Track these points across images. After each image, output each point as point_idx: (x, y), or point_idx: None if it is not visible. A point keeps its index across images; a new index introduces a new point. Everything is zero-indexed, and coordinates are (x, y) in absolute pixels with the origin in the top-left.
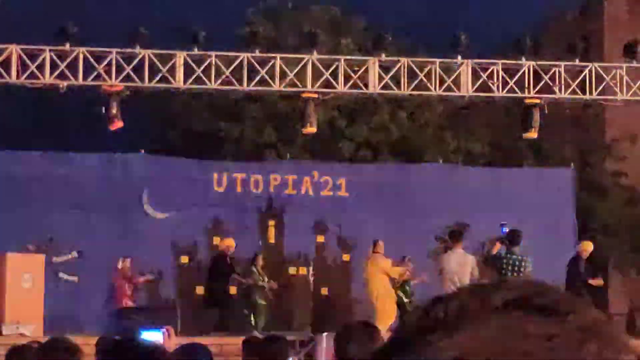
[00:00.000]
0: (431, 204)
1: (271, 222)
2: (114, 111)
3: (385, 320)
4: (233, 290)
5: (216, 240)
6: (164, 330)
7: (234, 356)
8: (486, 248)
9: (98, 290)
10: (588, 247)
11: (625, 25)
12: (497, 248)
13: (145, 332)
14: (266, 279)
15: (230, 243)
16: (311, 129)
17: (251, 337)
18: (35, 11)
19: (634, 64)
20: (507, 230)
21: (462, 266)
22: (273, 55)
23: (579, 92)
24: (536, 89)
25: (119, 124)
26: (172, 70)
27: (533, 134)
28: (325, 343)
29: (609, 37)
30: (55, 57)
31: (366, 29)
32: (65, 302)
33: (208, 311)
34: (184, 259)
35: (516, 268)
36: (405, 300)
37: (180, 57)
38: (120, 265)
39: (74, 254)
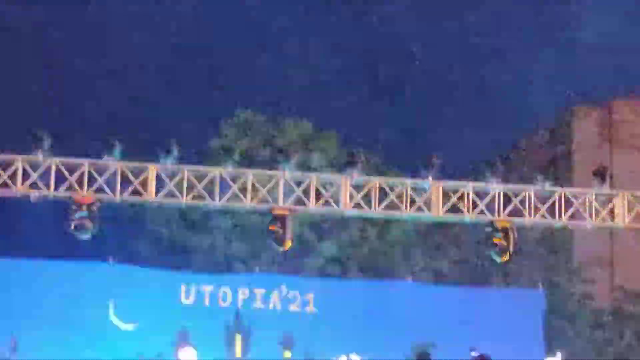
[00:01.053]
0: (399, 322)
1: (238, 336)
2: (84, 222)
3: None
4: None
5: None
6: None
7: None
8: None
9: None
10: None
11: (594, 148)
12: None
13: None
14: None
15: (190, 355)
16: (287, 245)
17: None
18: (8, 118)
19: (604, 191)
20: (477, 355)
21: None
22: (245, 170)
23: (548, 216)
24: (506, 212)
25: (88, 234)
26: (143, 183)
27: (505, 258)
28: None
29: (578, 160)
30: (27, 166)
31: (338, 145)
32: None
33: None
34: None
35: None
36: None
37: (152, 170)
38: None
39: None
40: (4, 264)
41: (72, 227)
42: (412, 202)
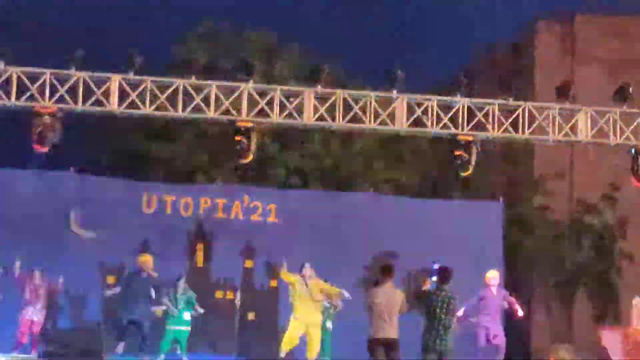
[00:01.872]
0: (360, 232)
1: (199, 246)
2: (46, 132)
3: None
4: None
5: None
6: None
7: None
8: (415, 280)
9: (20, 306)
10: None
11: (555, 64)
12: (428, 284)
13: None
14: (180, 307)
15: (145, 259)
16: (248, 158)
17: None
18: None
19: (567, 106)
20: (438, 267)
21: (390, 302)
22: (209, 82)
23: (512, 130)
24: (469, 126)
25: (47, 146)
26: (106, 93)
27: (467, 172)
28: None
29: (540, 75)
30: None
31: (301, 56)
32: None
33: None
34: (111, 280)
35: (445, 305)
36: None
37: (115, 80)
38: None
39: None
40: None
41: (34, 137)
42: (376, 115)
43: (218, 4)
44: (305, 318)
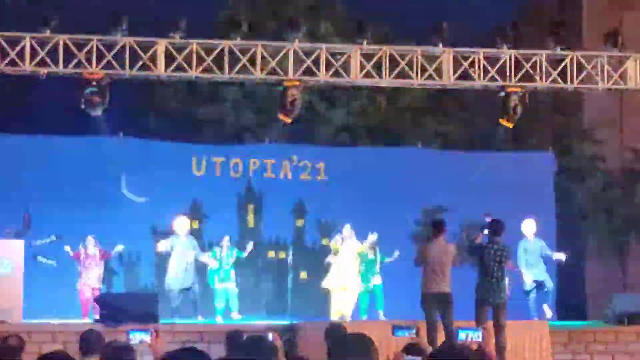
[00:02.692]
0: (410, 188)
1: (250, 206)
2: (94, 98)
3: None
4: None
5: (195, 224)
6: (151, 330)
7: (217, 344)
8: (465, 234)
9: (77, 275)
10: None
11: (603, 12)
12: (480, 238)
13: (132, 333)
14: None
15: (182, 221)
16: (287, 119)
17: (235, 332)
18: None
19: (615, 53)
20: (490, 220)
21: (443, 256)
22: (254, 42)
23: (560, 80)
24: (517, 78)
25: (99, 110)
26: (153, 58)
27: (509, 124)
28: (306, 330)
29: (588, 25)
30: (35, 45)
31: (345, 14)
32: (45, 287)
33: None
34: (162, 245)
35: (498, 258)
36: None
37: (161, 44)
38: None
39: (53, 237)
40: (17, 141)
41: (83, 104)
42: (423, 69)
43: None
44: (343, 280)
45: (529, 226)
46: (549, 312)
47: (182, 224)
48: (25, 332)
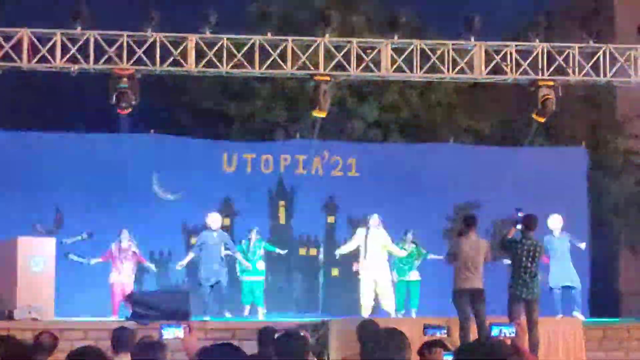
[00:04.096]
0: (442, 183)
1: (281, 203)
2: (125, 94)
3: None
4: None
5: (226, 220)
6: (184, 325)
7: (249, 341)
8: (499, 229)
9: (109, 270)
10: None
11: (636, 2)
12: (513, 232)
13: (166, 328)
14: (253, 258)
15: (214, 218)
16: (321, 113)
17: (268, 328)
18: None
19: None
20: (523, 215)
21: (475, 251)
22: (284, 37)
23: (593, 73)
24: (549, 71)
25: (129, 108)
26: (183, 54)
27: (541, 119)
28: (337, 327)
29: (621, 16)
30: (66, 41)
31: (377, 7)
32: (76, 285)
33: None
34: (195, 241)
35: (531, 253)
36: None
37: (192, 40)
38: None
39: (84, 235)
40: (49, 138)
41: (114, 100)
42: (454, 63)
43: None
44: (373, 272)
45: (555, 221)
46: (580, 318)
47: (215, 219)
48: (57, 329)
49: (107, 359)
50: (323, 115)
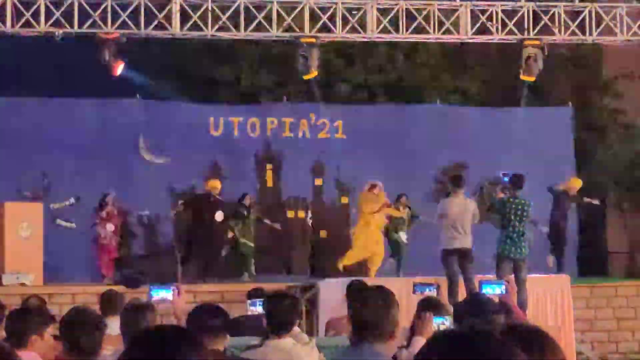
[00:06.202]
0: (429, 144)
1: (268, 166)
2: (111, 58)
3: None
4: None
5: None
6: (174, 288)
7: (237, 303)
8: (487, 191)
9: (95, 236)
10: (576, 184)
11: None
12: (501, 196)
13: (155, 291)
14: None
15: (215, 184)
16: (312, 74)
17: (255, 290)
18: None
19: (635, 4)
20: (510, 175)
21: (463, 212)
22: (270, 0)
23: (579, 32)
24: (535, 31)
25: (117, 70)
26: (168, 17)
27: (530, 78)
28: (327, 288)
29: None
30: (50, 5)
31: None
32: (64, 249)
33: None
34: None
35: (519, 212)
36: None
37: (176, 3)
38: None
39: (72, 200)
40: (34, 103)
41: (99, 64)
42: (440, 24)
43: None
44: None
45: (575, 184)
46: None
47: (216, 186)
48: (45, 294)
49: (100, 317)
50: (314, 75)
